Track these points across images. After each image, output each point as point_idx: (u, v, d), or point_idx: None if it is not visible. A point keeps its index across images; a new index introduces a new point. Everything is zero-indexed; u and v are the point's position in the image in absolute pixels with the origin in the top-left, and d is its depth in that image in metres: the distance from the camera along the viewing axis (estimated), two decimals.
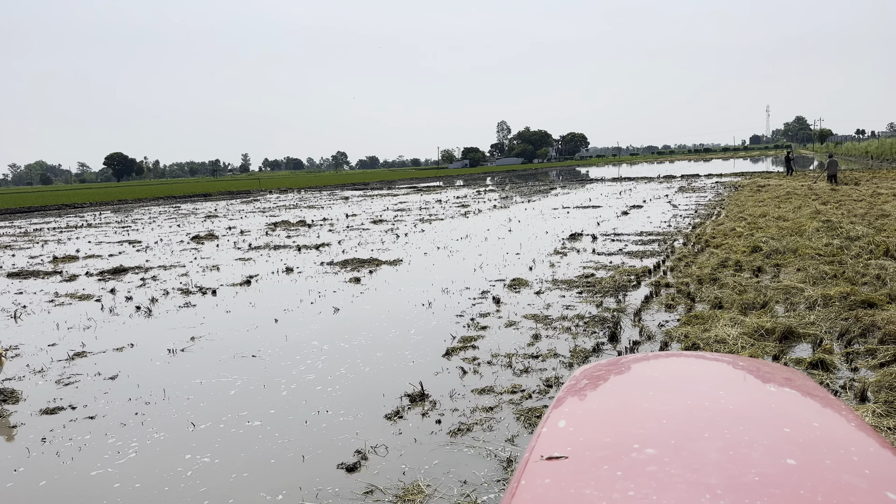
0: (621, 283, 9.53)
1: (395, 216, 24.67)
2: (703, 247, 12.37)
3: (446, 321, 7.96)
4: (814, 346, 6.12)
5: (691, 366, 1.74)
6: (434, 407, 5.23)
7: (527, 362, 6.19)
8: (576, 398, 1.51)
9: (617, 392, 1.54)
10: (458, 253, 13.84)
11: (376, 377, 6.05)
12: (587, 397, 1.50)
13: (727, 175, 45.11)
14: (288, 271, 12.42)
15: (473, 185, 54.81)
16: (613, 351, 6.41)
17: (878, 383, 4.94)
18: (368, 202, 35.79)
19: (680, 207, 22.12)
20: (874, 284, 8.20)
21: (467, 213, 24.63)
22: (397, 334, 7.50)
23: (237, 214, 30.83)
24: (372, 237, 17.67)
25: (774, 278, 9.11)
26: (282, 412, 5.33)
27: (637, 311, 7.86)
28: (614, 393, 1.53)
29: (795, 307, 7.47)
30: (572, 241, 14.64)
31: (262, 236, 19.48)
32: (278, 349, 7.15)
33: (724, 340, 6.28)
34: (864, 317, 6.59)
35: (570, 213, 22.50)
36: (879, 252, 10.21)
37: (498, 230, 17.87)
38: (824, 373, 5.37)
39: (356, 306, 9.12)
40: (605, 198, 29.37)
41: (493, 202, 30.46)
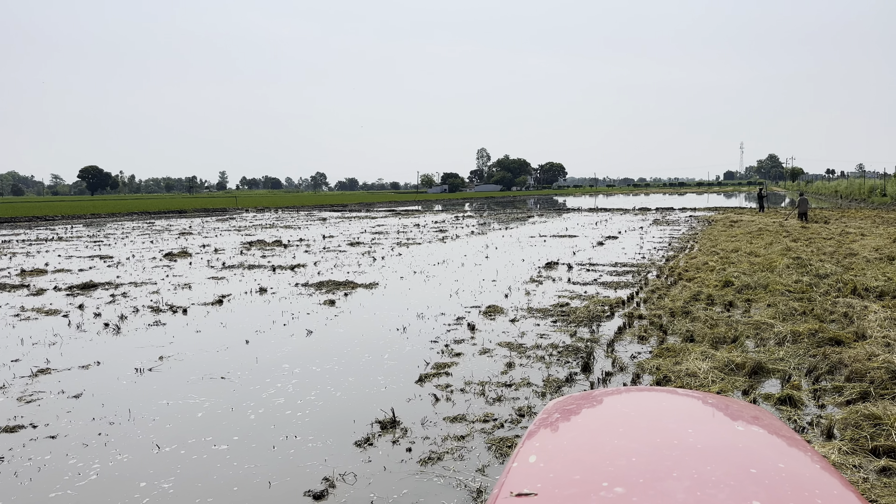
0: (595, 314, 9.59)
1: (372, 239, 24.62)
2: (676, 279, 12.52)
3: (420, 347, 7.92)
4: (782, 381, 6.20)
5: (661, 402, 1.75)
6: (405, 434, 5.18)
7: (500, 391, 6.17)
8: (547, 432, 1.51)
9: (588, 427, 1.54)
10: (435, 278, 13.83)
11: (347, 403, 5.99)
12: (558, 432, 1.50)
13: (701, 209, 45.90)
14: (261, 292, 12.29)
15: (452, 210, 55.02)
16: (586, 381, 6.42)
17: (845, 421, 5.01)
18: (346, 224, 35.69)
19: (654, 240, 22.41)
20: (842, 322, 8.36)
21: (445, 238, 24.68)
22: (370, 359, 7.44)
23: (212, 232, 30.52)
24: (348, 259, 17.59)
25: (745, 313, 9.25)
26: (249, 437, 5.23)
27: (610, 341, 7.91)
28: (585, 428, 1.53)
29: (765, 342, 7.58)
30: (548, 270, 14.73)
31: (236, 255, 19.29)
32: (248, 371, 7.04)
33: (695, 374, 6.33)
34: (832, 354, 6.71)
35: (546, 241, 22.66)
36: (847, 290, 10.43)
37: (475, 256, 17.92)
38: (792, 409, 5.43)
39: (330, 329, 9.04)
40: (582, 227, 29.66)
41: (471, 228, 30.58)
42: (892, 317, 8.33)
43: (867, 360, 6.38)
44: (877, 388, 5.76)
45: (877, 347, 6.80)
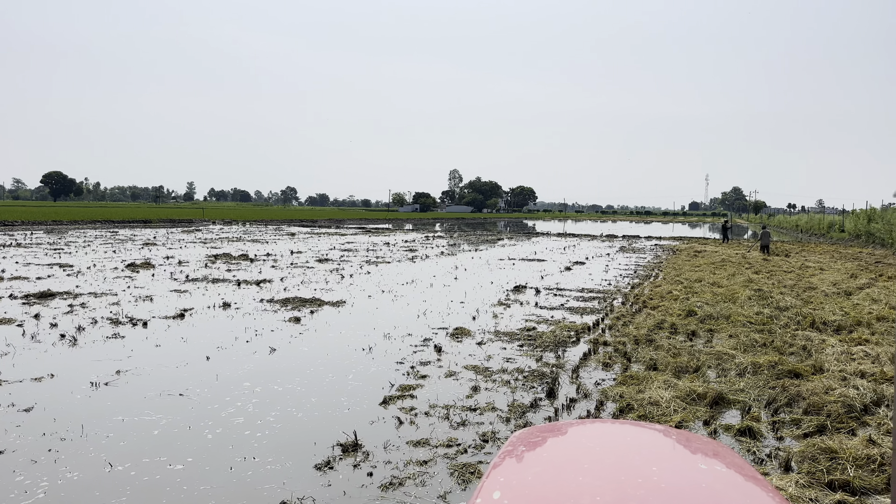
0: (561, 339, 9.63)
1: (341, 256, 24.46)
2: (640, 307, 12.67)
3: (386, 368, 7.85)
4: (742, 413, 6.29)
5: (625, 436, 1.75)
6: (367, 458, 5.11)
7: (464, 415, 6.13)
8: (511, 466, 1.50)
9: (552, 462, 1.53)
10: (403, 298, 13.77)
11: (309, 424, 5.88)
12: (522, 466, 1.49)
13: (666, 238, 46.70)
14: (225, 307, 12.08)
15: (423, 230, 55.04)
16: (551, 408, 6.42)
17: (802, 453, 5.09)
18: (315, 240, 35.42)
19: (620, 267, 22.69)
20: (800, 355, 8.53)
21: (415, 257, 24.64)
22: (334, 379, 7.34)
23: (177, 244, 30.00)
24: (316, 276, 17.42)
25: (708, 343, 9.38)
26: (206, 457, 5.10)
27: (575, 367, 7.94)
28: (550, 463, 1.52)
29: (726, 373, 7.69)
30: (516, 293, 14.78)
31: (200, 268, 18.96)
32: (208, 389, 6.88)
33: (657, 403, 6.38)
34: (791, 386, 6.83)
35: (515, 264, 22.78)
36: (806, 323, 10.67)
37: (444, 277, 17.91)
38: (752, 441, 5.50)
39: (294, 347, 8.91)
40: (550, 252, 29.90)
41: (441, 248, 30.60)
42: (848, 351, 8.53)
43: (824, 393, 6.51)
44: (833, 421, 5.87)
45: (833, 381, 6.95)
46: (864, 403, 6.26)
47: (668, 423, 5.82)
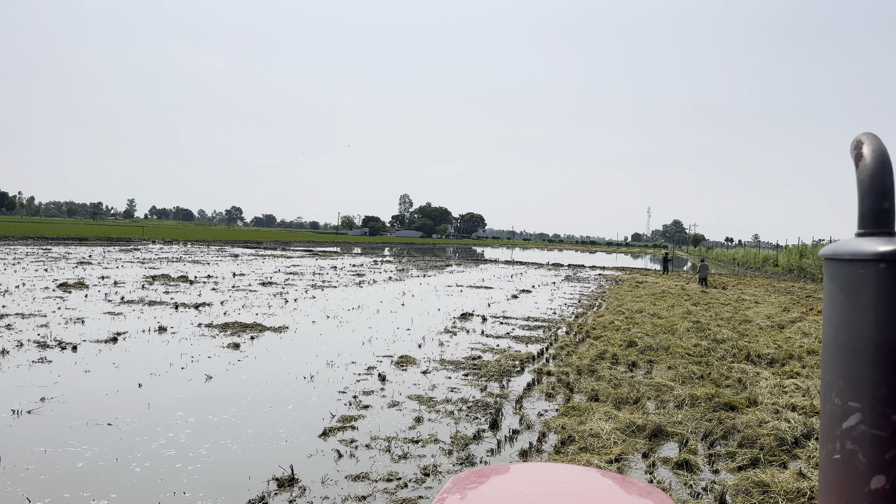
0: (506, 368, 9.64)
1: (286, 279, 24.02)
2: (583, 337, 12.84)
3: (327, 398, 7.68)
4: (680, 445, 6.39)
5: (562, 482, 1.73)
6: (303, 493, 4.94)
7: (406, 447, 6.03)
8: None
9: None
10: (348, 324, 13.58)
11: (244, 456, 5.67)
12: None
13: (609, 268, 47.71)
14: (161, 331, 11.65)
15: (371, 254, 54.73)
16: (493, 439, 6.38)
17: (736, 487, 5.19)
18: (259, 262, 34.74)
19: (565, 296, 23.02)
20: (736, 387, 8.76)
21: (362, 282, 24.42)
22: (272, 409, 7.12)
23: (113, 263, 28.95)
24: (258, 300, 17.03)
25: (647, 374, 9.55)
26: (132, 492, 4.84)
27: (519, 397, 7.94)
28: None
29: (665, 405, 7.82)
30: (463, 321, 14.78)
31: (137, 289, 18.30)
32: (138, 418, 6.58)
33: (598, 435, 6.43)
34: (727, 419, 6.99)
35: (463, 291, 22.82)
36: (741, 356, 10.99)
37: (391, 303, 17.78)
38: (689, 474, 5.58)
39: (231, 375, 8.63)
40: (498, 279, 30.12)
41: (389, 274, 30.43)
42: (780, 384, 8.81)
43: (758, 426, 6.69)
44: (766, 454, 6.02)
45: (767, 414, 7.15)
46: (794, 436, 6.44)
47: (608, 456, 5.87)
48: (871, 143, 0.87)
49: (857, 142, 0.90)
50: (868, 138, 0.88)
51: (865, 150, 0.87)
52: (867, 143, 0.88)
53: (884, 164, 0.84)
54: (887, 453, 0.76)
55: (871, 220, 0.84)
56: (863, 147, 0.88)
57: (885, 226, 0.84)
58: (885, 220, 0.84)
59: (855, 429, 0.78)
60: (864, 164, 0.87)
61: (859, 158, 0.88)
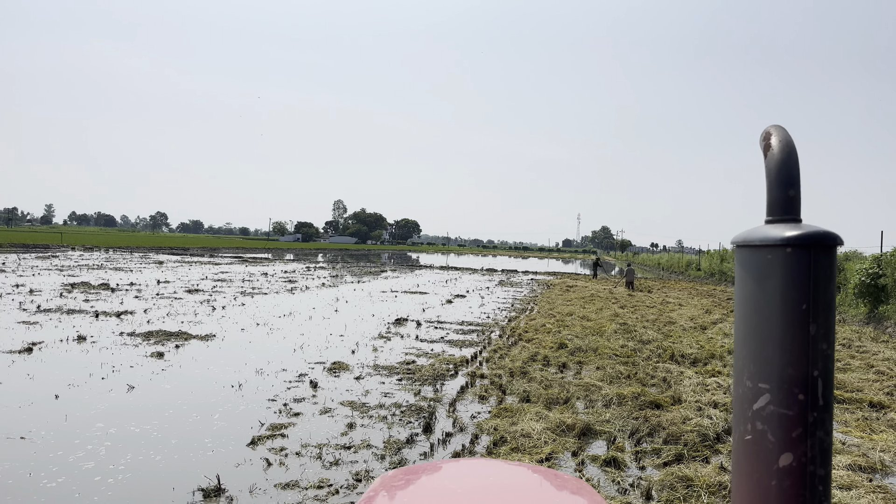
0: (440, 372, 9.65)
1: (213, 286, 23.32)
2: (516, 340, 13.01)
3: (256, 406, 7.48)
4: (608, 443, 6.55)
5: (489, 477, 1.74)
6: (231, 503, 4.79)
7: (338, 453, 5.95)
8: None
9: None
10: (279, 331, 13.30)
11: (168, 468, 5.45)
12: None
13: (541, 273, 48.61)
14: (80, 340, 11.09)
15: (304, 260, 53.83)
16: (427, 443, 6.37)
17: (662, 482, 5.36)
18: (186, 269, 33.60)
19: (499, 300, 23.28)
20: (661, 386, 9.07)
21: (294, 289, 23.97)
22: (198, 419, 6.88)
23: (29, 271, 27.39)
24: (184, 308, 16.46)
25: (577, 375, 9.76)
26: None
27: (452, 401, 7.97)
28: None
29: (594, 404, 8.01)
30: (397, 326, 14.72)
31: (55, 298, 17.37)
32: (54, 431, 6.23)
33: (529, 435, 6.52)
34: (652, 417, 7.22)
35: (397, 297, 22.74)
36: (666, 356, 11.38)
37: (324, 309, 17.52)
38: (616, 470, 5.73)
39: (155, 385, 8.30)
40: (433, 285, 30.17)
41: (322, 280, 30.00)
42: (703, 382, 9.17)
43: (682, 423, 6.94)
44: (690, 450, 6.25)
45: (690, 411, 7.43)
46: (716, 432, 6.72)
47: (539, 455, 5.96)
48: (778, 134, 0.92)
49: (766, 133, 0.94)
50: (776, 130, 0.93)
51: (773, 141, 0.91)
52: (775, 134, 0.92)
53: (790, 154, 0.88)
54: (794, 431, 0.79)
55: (778, 207, 0.88)
56: (771, 138, 0.92)
57: (791, 213, 0.88)
58: (792, 208, 0.88)
59: (764, 409, 0.81)
60: (772, 154, 0.90)
61: (767, 149, 0.92)
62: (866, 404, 8.44)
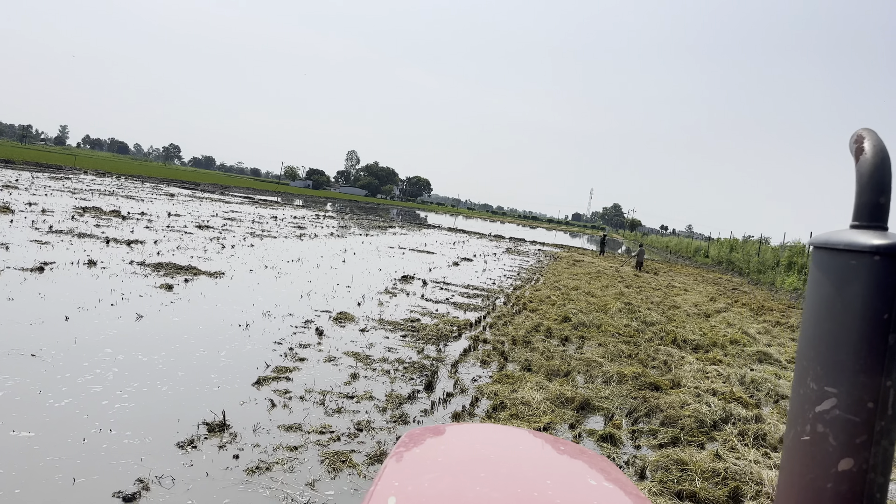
0: (444, 333, 9.73)
1: (223, 225, 23.40)
2: (520, 309, 13.06)
3: (262, 347, 7.58)
4: (606, 419, 6.63)
5: (518, 444, 1.76)
6: (234, 440, 4.89)
7: (341, 402, 6.03)
8: (405, 471, 1.46)
9: (449, 469, 1.51)
10: (287, 276, 13.38)
11: (173, 399, 5.55)
12: (417, 472, 1.45)
13: (549, 245, 48.53)
14: (90, 265, 11.20)
15: (314, 207, 53.85)
16: (428, 400, 6.46)
17: (657, 463, 5.44)
18: (196, 204, 33.68)
19: (505, 267, 23.31)
20: (661, 369, 9.13)
21: (303, 235, 24.04)
22: (205, 354, 6.98)
23: (42, 190, 27.50)
24: (194, 243, 16.55)
25: (579, 349, 9.82)
26: (56, 425, 4.68)
27: (455, 362, 8.04)
28: (446, 470, 1.50)
29: (594, 380, 8.08)
30: (403, 283, 14.78)
31: (66, 220, 17.48)
32: (64, 352, 6.34)
33: (528, 403, 6.59)
34: (651, 398, 7.28)
35: (405, 254, 22.79)
36: (668, 340, 11.43)
37: (332, 259, 17.60)
38: (612, 447, 5.81)
39: (163, 316, 8.40)
40: (440, 245, 30.20)
41: (331, 229, 30.06)
42: (703, 369, 9.22)
43: (680, 407, 7.00)
44: (686, 434, 6.32)
45: (689, 396, 7.49)
46: (713, 420, 6.78)
47: (538, 424, 6.03)
48: (871, 138, 0.89)
49: (858, 136, 0.92)
50: (869, 134, 0.90)
51: (867, 145, 0.89)
52: (868, 138, 0.90)
53: (883, 160, 0.86)
54: (858, 438, 0.79)
55: (866, 213, 0.86)
56: (864, 142, 0.90)
57: (880, 220, 0.86)
58: (880, 215, 0.86)
59: (829, 412, 0.81)
60: (864, 158, 0.88)
61: (860, 153, 0.90)
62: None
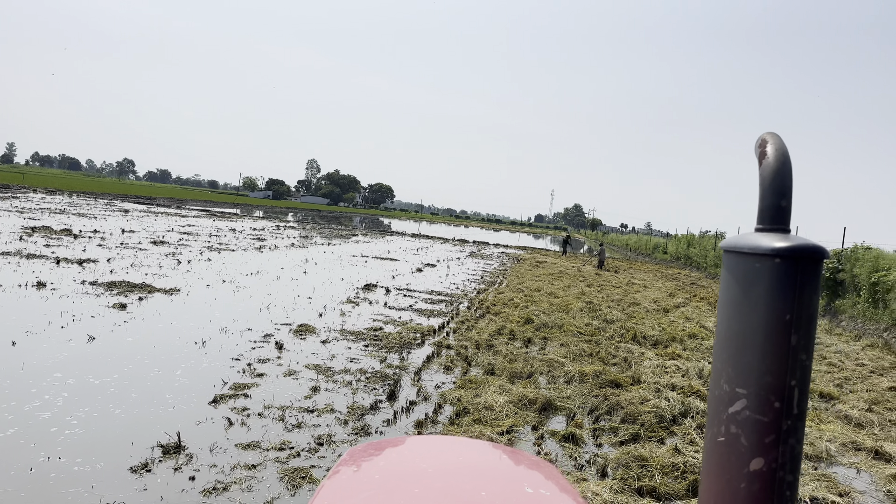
0: (407, 340, 9.69)
1: (179, 239, 22.94)
2: (484, 313, 13.10)
3: (220, 364, 7.43)
4: (568, 419, 6.67)
5: (458, 455, 1.75)
6: (190, 461, 4.78)
7: (301, 416, 5.95)
8: (341, 488, 1.43)
9: (384, 486, 1.49)
10: (246, 289, 13.17)
11: (127, 422, 5.40)
12: (353, 489, 1.43)
13: (512, 247, 48.86)
14: (39, 286, 10.85)
15: (274, 218, 53.20)
16: (391, 410, 6.42)
17: (618, 460, 5.49)
18: (151, 219, 32.97)
19: (469, 272, 23.37)
20: (622, 366, 9.24)
21: (262, 247, 23.72)
22: (160, 374, 6.81)
23: None
24: (149, 259, 16.18)
25: (541, 350, 9.89)
26: (0, 456, 4.50)
27: (418, 370, 8.02)
28: (381, 487, 1.48)
29: (556, 380, 8.13)
30: (366, 292, 14.69)
31: (13, 241, 16.92)
32: (10, 379, 6.11)
33: (491, 407, 6.60)
34: (612, 396, 7.36)
35: (368, 262, 22.67)
36: (628, 336, 11.59)
37: (293, 270, 17.39)
38: (574, 447, 5.85)
39: (116, 337, 8.17)
40: (404, 252, 30.13)
41: (291, 240, 29.72)
42: (663, 364, 9.37)
43: (640, 403, 7.09)
44: (646, 430, 6.40)
45: (648, 392, 7.60)
46: (673, 414, 6.89)
47: (500, 428, 6.04)
48: (774, 142, 0.90)
49: (762, 140, 0.93)
50: (772, 137, 0.91)
51: (769, 150, 0.90)
52: (771, 142, 0.91)
53: (784, 163, 0.88)
54: (767, 437, 0.80)
55: (769, 216, 0.88)
56: (767, 146, 0.91)
57: (782, 223, 0.87)
58: (783, 218, 0.88)
59: (740, 413, 0.82)
60: (766, 162, 0.89)
61: (763, 157, 0.91)
62: (816, 395, 8.73)
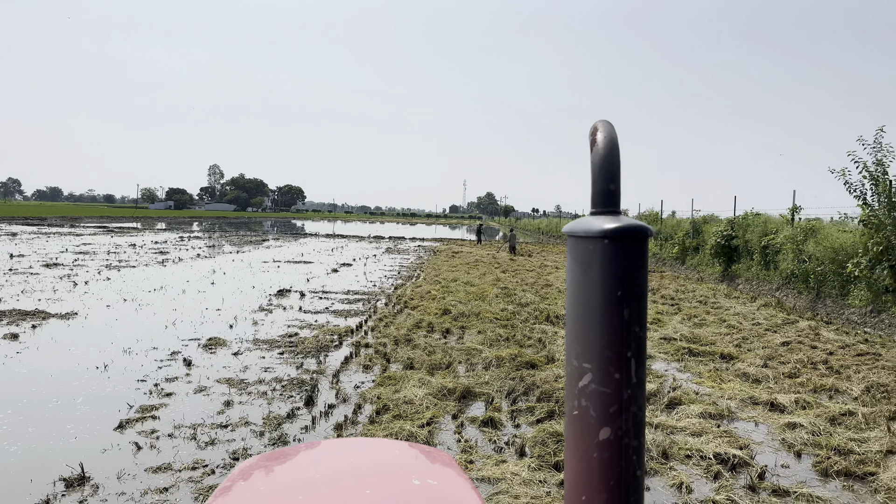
0: (324, 343, 9.57)
1: (75, 260, 21.65)
2: (402, 308, 13.12)
3: (124, 388, 7.08)
4: (487, 404, 6.80)
5: (348, 458, 1.76)
6: (96, 491, 4.54)
7: (214, 433, 5.77)
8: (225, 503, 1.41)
9: (268, 498, 1.47)
10: (149, 307, 12.60)
11: (24, 459, 5.07)
12: None
13: (429, 240, 49.10)
14: None
15: (177, 229, 51.08)
16: (308, 416, 6.33)
17: (535, 439, 5.65)
18: (43, 241, 30.93)
19: (386, 268, 23.31)
20: (536, 347, 9.50)
21: (165, 261, 22.73)
22: (59, 404, 6.42)
23: None
24: (42, 284, 15.18)
25: (460, 340, 10.02)
26: None
27: (336, 372, 7.94)
28: (266, 499, 1.46)
29: (474, 367, 8.27)
30: (279, 298, 14.38)
31: None
32: None
33: (411, 401, 6.64)
34: (528, 377, 7.56)
35: (280, 267, 22.17)
36: (542, 318, 11.92)
37: (199, 282, 16.77)
38: (494, 430, 5.97)
39: (8, 370, 7.63)
40: (318, 254, 29.66)
41: (197, 250, 28.64)
42: None
43: (554, 381, 7.32)
44: (560, 406, 6.61)
45: (561, 370, 7.85)
46: None
47: (421, 420, 6.09)
48: (604, 129, 0.95)
49: (594, 128, 0.98)
50: (602, 125, 0.96)
51: (599, 137, 0.95)
52: (601, 129, 0.96)
53: (613, 150, 0.93)
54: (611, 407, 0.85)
55: (600, 200, 0.93)
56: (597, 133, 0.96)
57: (612, 205, 0.93)
58: (612, 201, 0.93)
59: (588, 387, 0.87)
60: (597, 149, 0.94)
61: (594, 144, 0.96)
62: (718, 356, 9.29)
